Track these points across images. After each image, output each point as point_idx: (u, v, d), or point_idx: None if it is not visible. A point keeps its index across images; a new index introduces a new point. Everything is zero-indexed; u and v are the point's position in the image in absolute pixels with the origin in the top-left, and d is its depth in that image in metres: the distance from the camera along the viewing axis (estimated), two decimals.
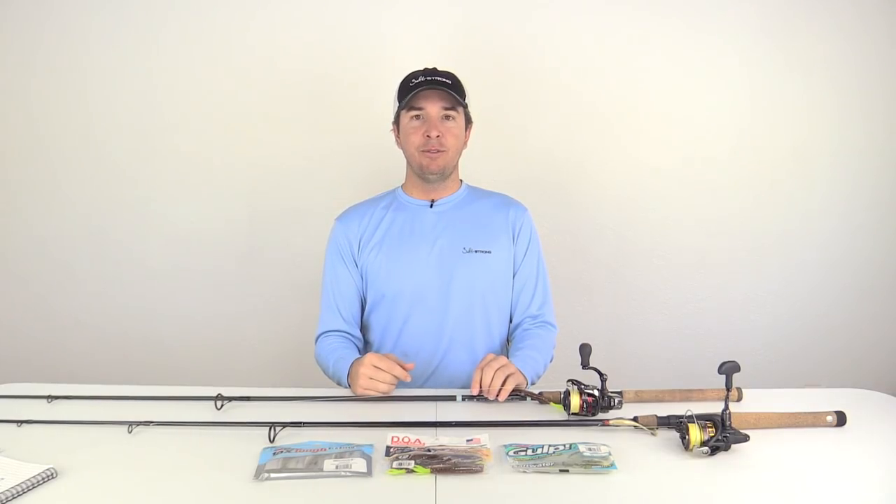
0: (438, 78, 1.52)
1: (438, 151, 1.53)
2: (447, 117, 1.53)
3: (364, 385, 1.34)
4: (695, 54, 2.27)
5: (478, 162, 1.79)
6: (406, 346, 1.56)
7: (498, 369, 1.33)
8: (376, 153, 2.23)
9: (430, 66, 1.56)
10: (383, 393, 1.34)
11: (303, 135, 2.30)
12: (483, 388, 1.32)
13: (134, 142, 2.30)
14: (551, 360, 1.59)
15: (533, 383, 1.50)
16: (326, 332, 1.60)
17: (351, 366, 1.41)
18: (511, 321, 1.66)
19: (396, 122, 1.59)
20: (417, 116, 1.53)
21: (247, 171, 2.32)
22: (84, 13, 2.23)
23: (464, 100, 1.55)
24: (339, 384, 1.49)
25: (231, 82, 2.27)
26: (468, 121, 1.61)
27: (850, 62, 2.27)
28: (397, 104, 1.56)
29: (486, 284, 1.58)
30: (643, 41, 2.26)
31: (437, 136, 1.51)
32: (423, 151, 1.53)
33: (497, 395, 1.31)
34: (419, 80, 1.51)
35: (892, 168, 2.34)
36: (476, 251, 1.57)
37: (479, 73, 1.65)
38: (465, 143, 1.62)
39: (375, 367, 1.34)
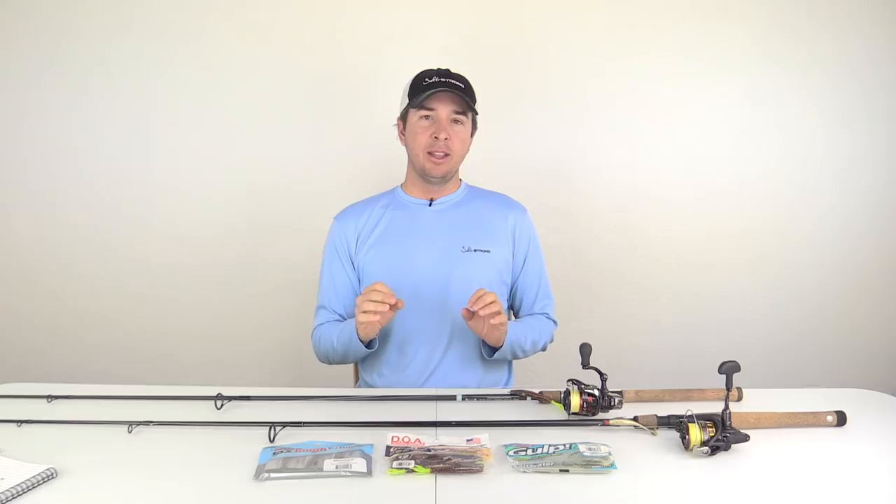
0: (452, 80, 1.51)
1: (445, 156, 1.53)
2: (456, 121, 1.53)
3: (362, 320, 1.34)
4: (695, 55, 2.27)
5: (478, 162, 1.79)
6: (405, 345, 1.56)
7: (493, 301, 1.35)
8: (376, 153, 2.23)
9: (444, 68, 1.56)
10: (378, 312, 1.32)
11: (302, 135, 2.30)
12: (476, 305, 1.34)
13: (134, 142, 2.30)
14: (543, 349, 1.62)
15: (515, 356, 1.55)
16: (321, 325, 1.61)
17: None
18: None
19: (403, 118, 1.59)
20: (427, 117, 1.52)
21: (246, 172, 2.32)
22: (84, 13, 2.23)
23: (474, 105, 1.55)
24: (349, 350, 1.48)
25: (231, 82, 2.27)
26: (474, 125, 1.61)
27: (850, 63, 2.28)
28: (407, 100, 1.55)
29: (484, 283, 1.57)
30: (642, 42, 2.26)
31: (445, 139, 1.51)
32: (427, 154, 1.53)
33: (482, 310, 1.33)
34: (433, 79, 1.51)
35: (892, 168, 2.34)
36: (475, 250, 1.57)
37: (478, 74, 1.64)
38: (468, 149, 1.62)
39: (371, 296, 1.33)
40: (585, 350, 1.25)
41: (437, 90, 1.49)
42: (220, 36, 2.25)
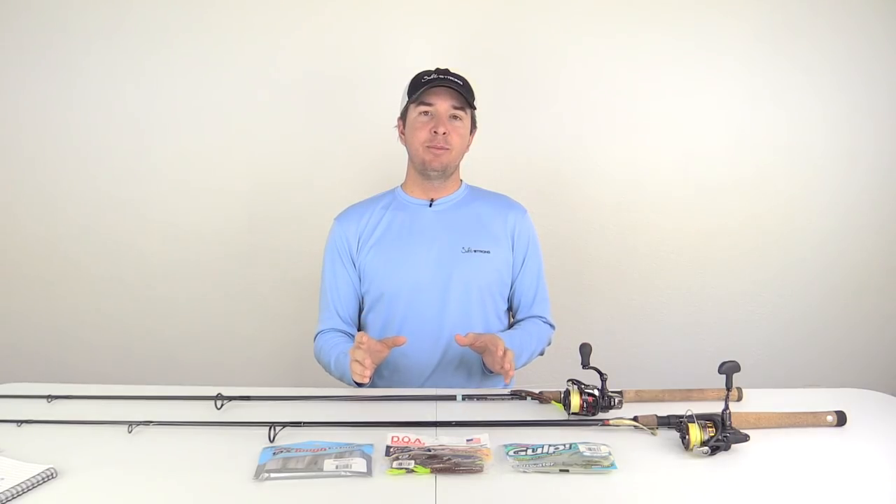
0: (450, 77, 1.54)
1: (443, 149, 1.53)
2: (454, 116, 1.54)
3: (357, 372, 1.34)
4: (695, 54, 2.27)
5: (478, 162, 1.79)
6: (404, 346, 1.56)
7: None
8: (376, 153, 2.23)
9: (443, 67, 1.57)
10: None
11: (302, 134, 2.30)
12: (502, 368, 1.34)
13: (134, 141, 2.30)
14: (541, 354, 1.62)
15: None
16: (324, 330, 1.61)
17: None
18: (510, 321, 1.67)
19: (403, 117, 1.60)
20: (426, 112, 1.54)
21: (246, 171, 2.32)
22: (85, 13, 2.23)
23: (473, 102, 1.56)
24: (342, 379, 1.50)
25: (231, 82, 2.26)
26: (473, 125, 1.62)
27: (850, 62, 2.27)
28: (406, 99, 1.57)
29: (484, 284, 1.59)
30: (644, 41, 2.26)
31: (444, 134, 1.52)
32: (427, 147, 1.54)
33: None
34: (431, 77, 1.53)
35: (892, 168, 2.34)
36: (475, 251, 1.57)
37: (478, 74, 1.65)
38: (468, 147, 1.63)
39: (356, 360, 1.33)
40: (585, 350, 1.25)
41: (436, 85, 1.51)
42: (222, 33, 2.24)
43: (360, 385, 1.46)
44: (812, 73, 2.28)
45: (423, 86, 1.52)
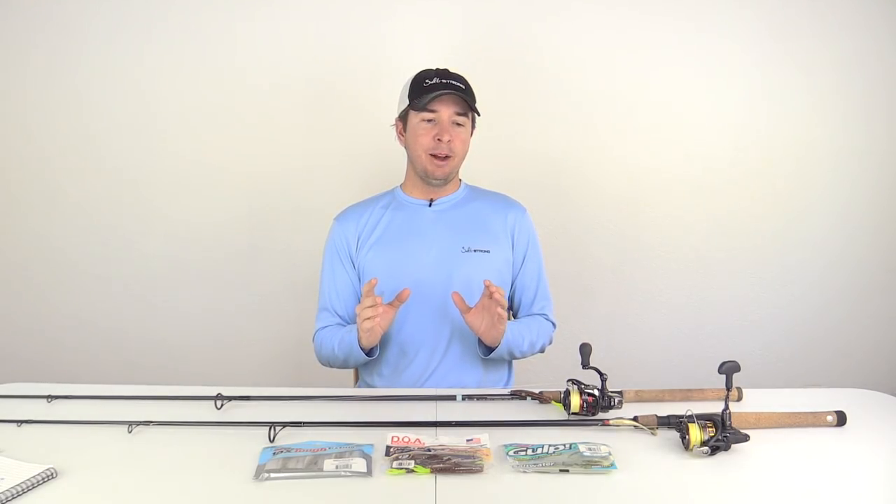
0: (453, 81, 1.51)
1: (447, 158, 1.53)
2: (457, 123, 1.53)
3: (365, 328, 1.37)
4: (696, 55, 2.27)
5: (478, 162, 1.79)
6: (405, 346, 1.56)
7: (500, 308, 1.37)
8: (375, 153, 2.23)
9: (442, 67, 1.56)
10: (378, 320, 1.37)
11: (302, 134, 2.30)
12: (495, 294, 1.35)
13: (134, 142, 2.30)
14: (541, 350, 1.62)
15: (512, 356, 1.54)
16: (322, 328, 1.61)
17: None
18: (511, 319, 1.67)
19: (402, 118, 1.59)
20: (429, 119, 1.52)
21: (246, 171, 2.32)
22: (84, 14, 2.23)
23: (474, 106, 1.55)
24: (347, 361, 1.51)
25: (231, 82, 2.27)
26: (473, 125, 1.61)
27: (851, 63, 2.27)
28: (406, 101, 1.55)
29: None
30: (644, 41, 2.26)
31: (448, 141, 1.51)
32: (430, 156, 1.53)
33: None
34: (433, 81, 1.50)
35: (892, 168, 2.34)
36: (475, 250, 1.57)
37: (478, 73, 1.65)
38: (468, 149, 1.62)
39: (365, 303, 1.36)
40: (585, 350, 1.25)
41: (440, 93, 1.49)
42: (220, 35, 2.24)
43: (369, 355, 1.46)
44: (813, 72, 2.28)
45: (425, 91, 1.49)
